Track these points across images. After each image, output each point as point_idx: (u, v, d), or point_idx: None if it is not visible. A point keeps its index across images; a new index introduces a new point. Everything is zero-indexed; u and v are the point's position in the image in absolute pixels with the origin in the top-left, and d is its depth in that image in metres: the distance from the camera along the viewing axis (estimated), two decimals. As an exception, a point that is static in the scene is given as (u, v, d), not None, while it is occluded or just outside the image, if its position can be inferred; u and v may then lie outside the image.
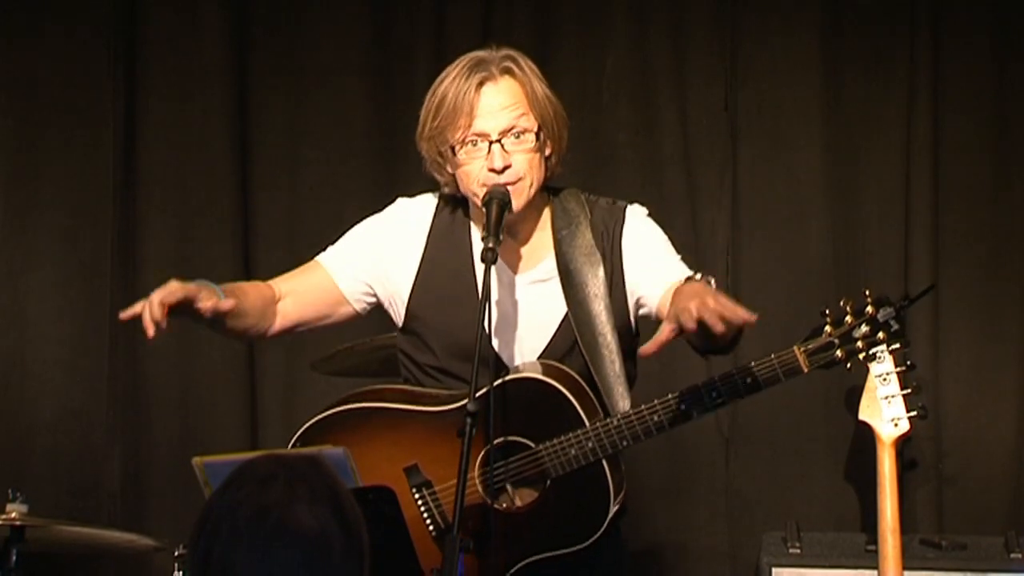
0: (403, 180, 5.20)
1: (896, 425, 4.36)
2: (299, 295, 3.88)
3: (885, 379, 4.34)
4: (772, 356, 3.62)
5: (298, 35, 5.35)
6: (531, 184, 3.69)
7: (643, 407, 3.64)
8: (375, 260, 3.85)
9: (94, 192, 5.33)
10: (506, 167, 3.66)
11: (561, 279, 3.75)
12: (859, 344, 3.61)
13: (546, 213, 3.82)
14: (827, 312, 3.63)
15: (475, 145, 3.68)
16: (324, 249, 3.95)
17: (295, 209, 5.34)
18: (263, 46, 5.35)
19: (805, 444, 5.16)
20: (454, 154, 3.69)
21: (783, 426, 5.15)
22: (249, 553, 2.40)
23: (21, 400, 5.32)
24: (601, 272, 3.75)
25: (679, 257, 3.81)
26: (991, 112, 5.17)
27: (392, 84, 5.30)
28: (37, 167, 5.35)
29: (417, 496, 3.66)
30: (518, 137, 3.67)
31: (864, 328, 3.61)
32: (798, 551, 4.73)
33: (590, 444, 3.61)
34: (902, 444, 4.50)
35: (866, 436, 4.43)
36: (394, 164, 5.27)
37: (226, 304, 3.62)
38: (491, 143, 3.66)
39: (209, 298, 3.61)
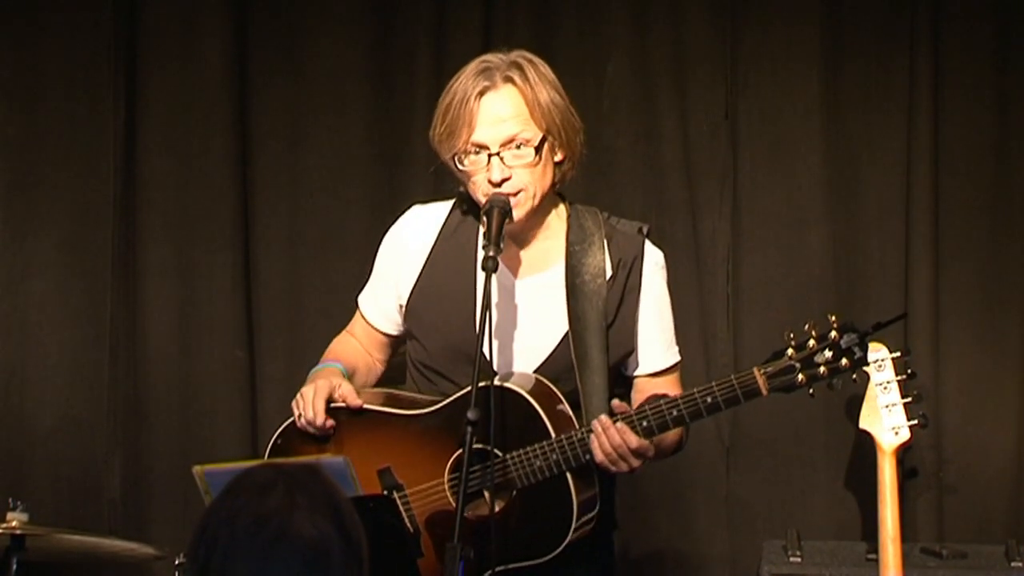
0: (403, 185, 5.21)
1: (897, 434, 4.36)
2: (365, 346, 3.98)
3: (886, 387, 4.33)
4: (732, 377, 3.62)
5: (298, 39, 5.35)
6: (534, 194, 3.69)
7: None
8: (392, 282, 3.89)
9: (94, 200, 5.33)
10: (505, 180, 3.66)
11: (567, 291, 3.75)
12: (821, 369, 3.59)
13: (560, 223, 3.81)
14: (791, 335, 3.61)
15: (477, 155, 3.68)
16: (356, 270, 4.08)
17: (295, 216, 5.34)
18: (263, 53, 5.35)
19: (806, 452, 5.16)
20: (459, 162, 3.69)
21: (784, 434, 5.15)
22: (248, 562, 2.40)
23: (21, 408, 5.32)
24: (606, 294, 3.75)
25: (673, 326, 3.89)
26: (991, 119, 5.17)
27: (392, 89, 5.30)
28: (38, 175, 5.35)
29: None
30: (519, 148, 3.66)
31: (827, 353, 3.59)
32: (799, 559, 4.72)
33: (554, 456, 3.61)
34: (903, 452, 4.49)
35: (867, 444, 4.43)
36: (395, 169, 5.28)
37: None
38: (490, 155, 3.66)
39: (342, 387, 3.76)
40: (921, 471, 5.02)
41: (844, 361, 3.60)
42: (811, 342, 3.60)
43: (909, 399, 4.34)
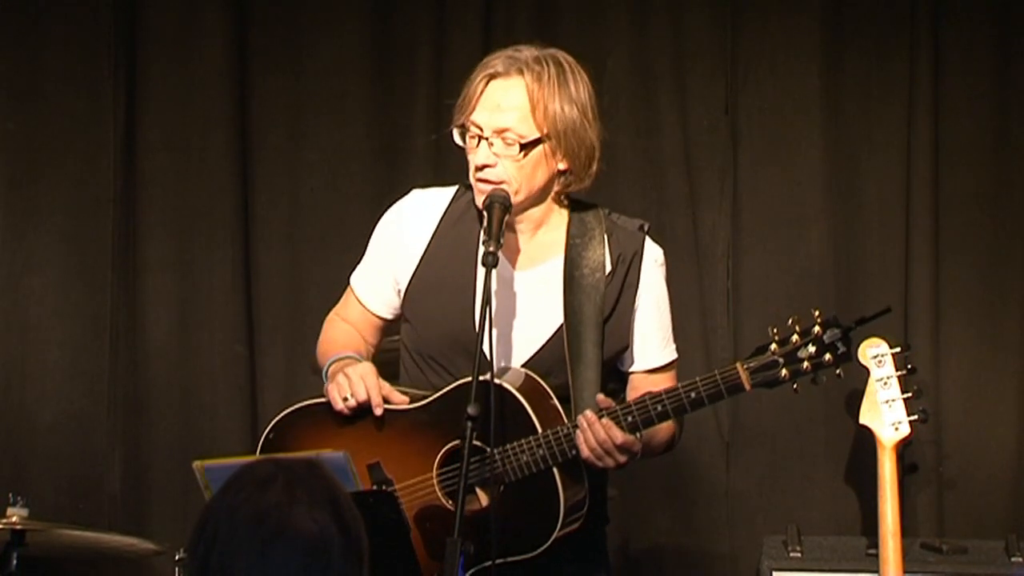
0: (404, 181, 5.18)
1: (897, 429, 4.34)
2: (360, 330, 3.93)
3: (886, 383, 4.32)
4: (716, 372, 3.62)
5: (298, 36, 5.35)
6: (517, 191, 3.65)
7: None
8: (389, 265, 3.85)
9: (95, 195, 5.34)
10: (486, 166, 3.64)
11: (564, 284, 3.74)
12: (804, 365, 3.60)
13: (560, 218, 3.79)
14: (774, 330, 3.61)
15: (472, 133, 3.67)
16: (354, 249, 3.99)
17: (295, 212, 5.34)
18: (263, 49, 5.36)
19: (806, 448, 5.16)
20: (461, 136, 3.69)
21: (784, 430, 5.15)
22: (248, 556, 2.40)
23: (22, 403, 5.32)
24: (604, 288, 3.74)
25: (670, 324, 3.85)
26: (991, 115, 5.17)
27: (392, 85, 5.30)
28: (38, 171, 5.36)
29: None
30: (508, 142, 3.65)
31: (810, 348, 3.59)
32: (799, 555, 4.73)
33: (540, 452, 3.60)
34: (903, 448, 4.48)
35: (867, 440, 4.41)
36: (395, 165, 5.28)
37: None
38: (480, 138, 3.65)
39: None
40: (921, 466, 5.02)
41: (827, 356, 3.60)
42: (794, 337, 3.60)
43: (909, 394, 4.32)
